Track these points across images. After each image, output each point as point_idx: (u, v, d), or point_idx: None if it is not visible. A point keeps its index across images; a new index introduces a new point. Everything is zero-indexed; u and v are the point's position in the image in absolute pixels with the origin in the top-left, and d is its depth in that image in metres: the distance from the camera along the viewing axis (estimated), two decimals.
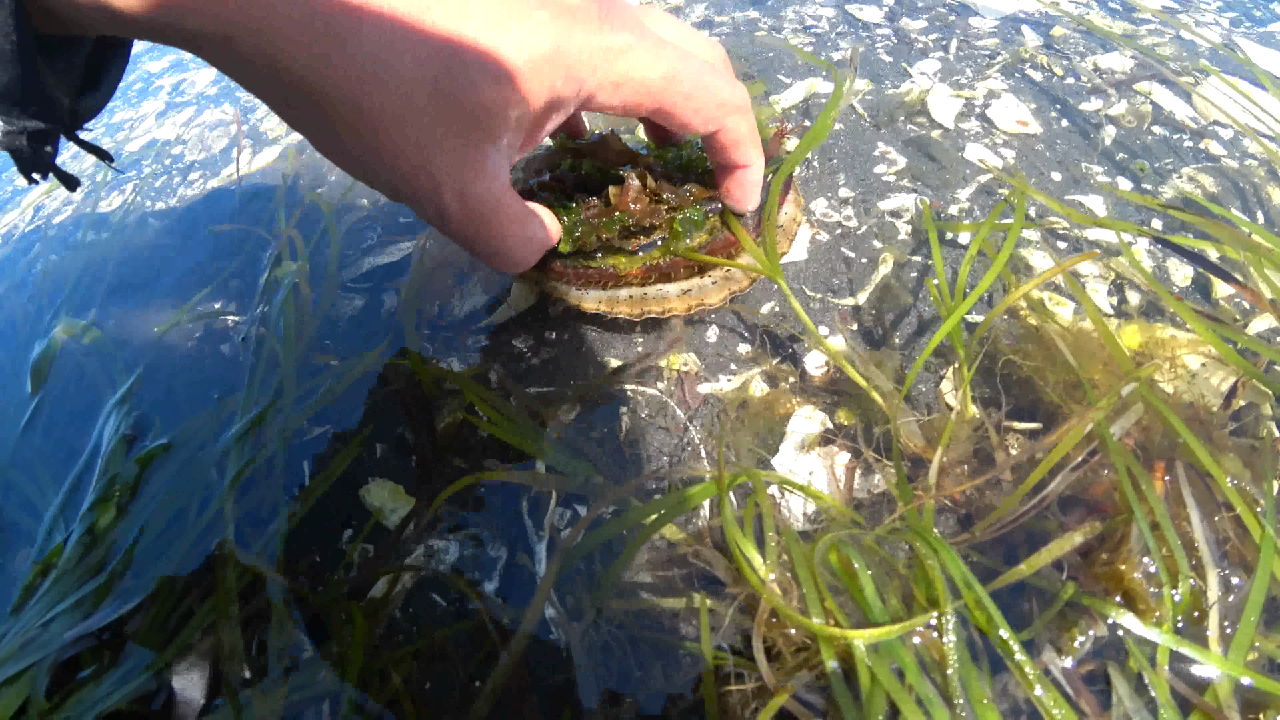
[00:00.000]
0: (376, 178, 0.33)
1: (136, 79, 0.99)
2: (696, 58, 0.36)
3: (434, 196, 0.33)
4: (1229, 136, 0.58)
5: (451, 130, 0.31)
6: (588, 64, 0.33)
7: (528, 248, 0.39)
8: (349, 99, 0.29)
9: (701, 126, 0.38)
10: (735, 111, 0.38)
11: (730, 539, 0.36)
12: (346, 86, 0.29)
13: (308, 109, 0.31)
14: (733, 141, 0.39)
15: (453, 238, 0.37)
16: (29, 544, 0.46)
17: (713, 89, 0.37)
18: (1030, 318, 0.45)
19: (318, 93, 0.29)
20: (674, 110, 0.36)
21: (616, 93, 0.35)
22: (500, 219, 0.36)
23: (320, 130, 0.32)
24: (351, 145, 0.32)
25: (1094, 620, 0.33)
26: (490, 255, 0.38)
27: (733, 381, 0.45)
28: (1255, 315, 0.45)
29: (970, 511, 0.37)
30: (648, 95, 0.35)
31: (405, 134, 0.31)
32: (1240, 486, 0.36)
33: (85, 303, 0.62)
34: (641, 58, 0.34)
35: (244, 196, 0.69)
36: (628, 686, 0.34)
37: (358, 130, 0.31)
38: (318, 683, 0.36)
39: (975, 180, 0.55)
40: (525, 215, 0.38)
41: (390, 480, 0.43)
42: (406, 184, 0.33)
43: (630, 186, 0.42)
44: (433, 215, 0.35)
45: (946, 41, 0.71)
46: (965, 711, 0.31)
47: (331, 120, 0.31)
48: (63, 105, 0.31)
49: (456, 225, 0.35)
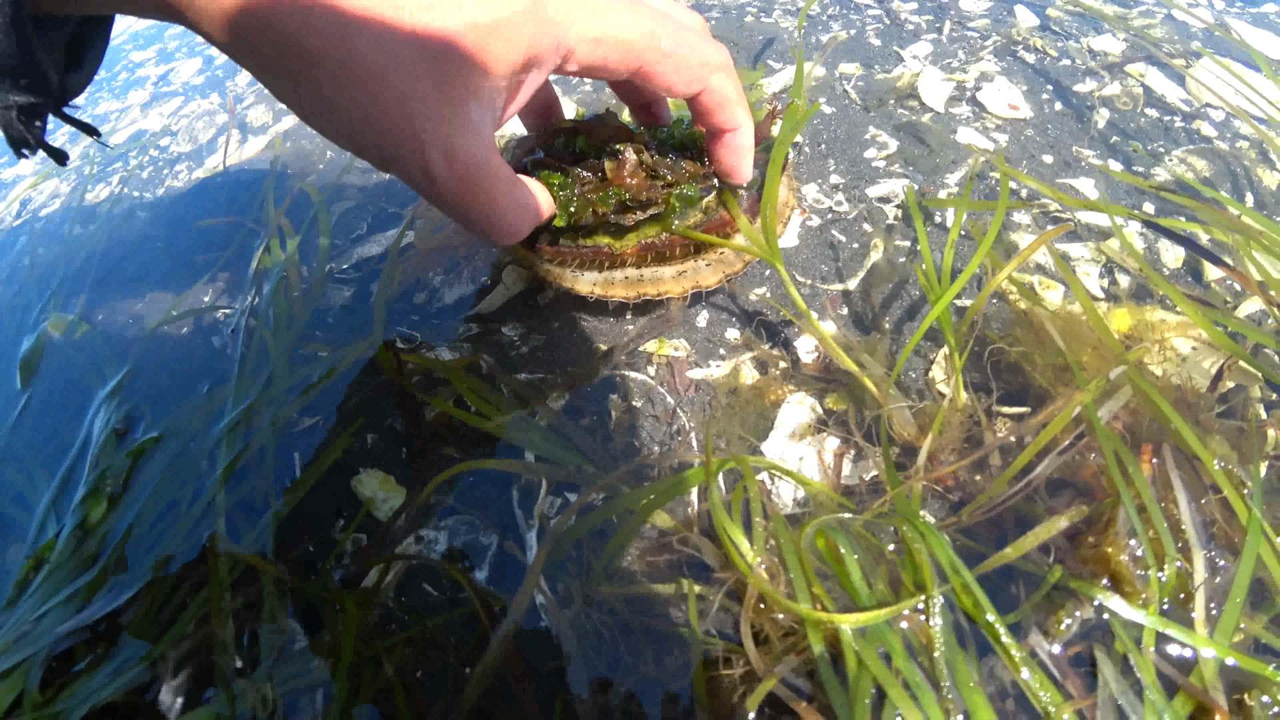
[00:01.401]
0: (363, 138, 0.33)
1: (121, 69, 0.98)
2: (675, 19, 0.36)
3: (419, 155, 0.33)
4: (1220, 119, 0.58)
5: (433, 84, 0.31)
6: (566, 19, 0.33)
7: (521, 214, 0.38)
8: (333, 52, 0.30)
9: (684, 88, 0.38)
10: (718, 70, 0.38)
11: (719, 525, 0.36)
12: (330, 39, 0.30)
13: (295, 66, 0.31)
14: (718, 103, 0.39)
15: (442, 203, 0.36)
16: (21, 538, 0.47)
17: (694, 47, 0.36)
18: (1019, 302, 0.45)
19: (303, 48, 0.30)
20: (655, 69, 0.36)
21: (596, 49, 0.34)
22: (490, 180, 0.35)
23: (306, 90, 0.32)
24: (336, 103, 0.32)
25: (1081, 603, 0.34)
26: (483, 222, 0.37)
27: (723, 367, 0.45)
28: (1245, 298, 0.45)
29: (961, 499, 0.38)
30: (628, 52, 0.35)
31: (387, 87, 0.31)
32: (1227, 469, 0.36)
33: (74, 296, 0.62)
34: (620, 14, 0.34)
35: (232, 187, 0.68)
36: (618, 672, 0.34)
37: (340, 84, 0.31)
38: (310, 672, 0.36)
39: (966, 164, 0.55)
40: (514, 180, 0.37)
41: (381, 470, 0.43)
42: (391, 141, 0.33)
43: (627, 160, 0.42)
44: (419, 177, 0.34)
45: (939, 23, 0.70)
46: (952, 694, 0.31)
47: (316, 77, 0.31)
48: (53, 80, 0.31)
49: (444, 187, 0.34)
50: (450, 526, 0.40)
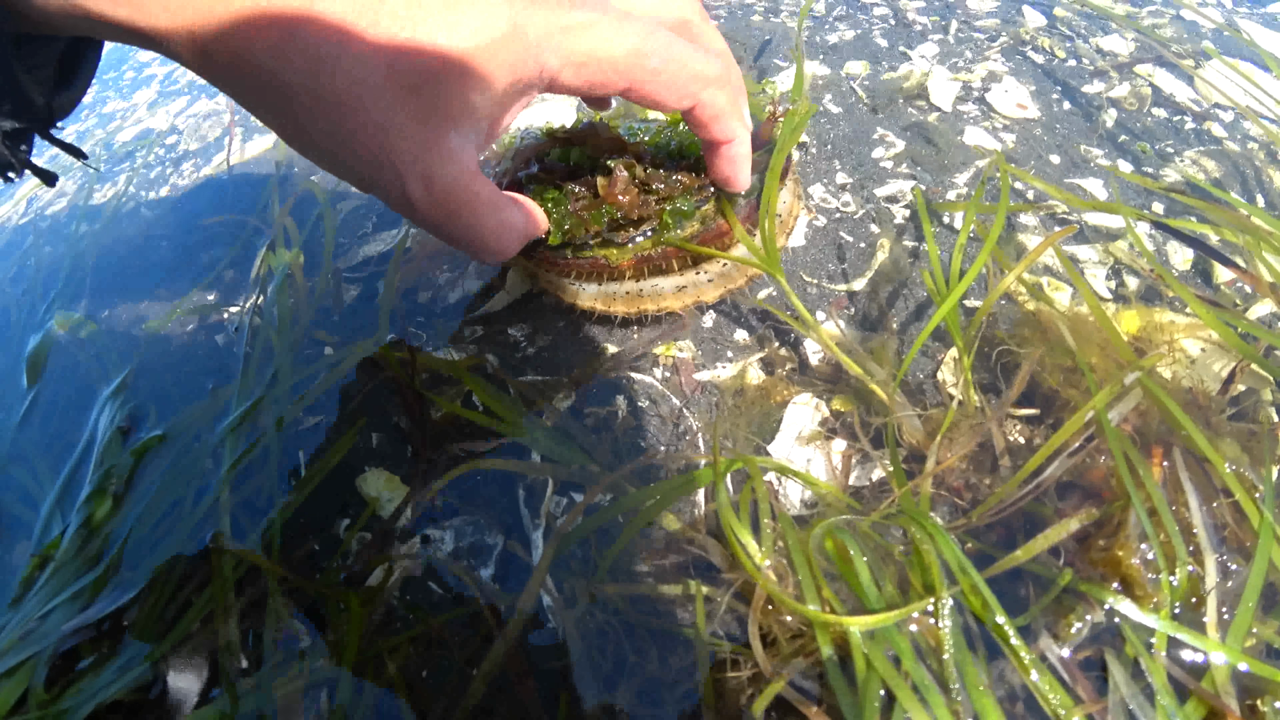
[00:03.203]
0: (343, 166, 0.33)
1: (129, 69, 0.99)
2: (665, 31, 0.35)
3: (398, 183, 0.32)
4: (1230, 119, 0.58)
5: (410, 115, 0.31)
6: (548, 43, 0.32)
7: (505, 236, 0.38)
8: (306, 84, 0.29)
9: (675, 103, 0.36)
10: (710, 84, 0.37)
11: (726, 525, 0.36)
12: (305, 73, 0.29)
13: (272, 97, 0.30)
14: (711, 117, 0.38)
15: (424, 228, 0.35)
16: (27, 536, 0.47)
17: (684, 62, 0.35)
18: (1028, 303, 0.44)
19: (279, 81, 0.29)
20: (643, 88, 0.35)
21: (581, 72, 0.33)
22: (471, 206, 0.35)
23: (285, 120, 0.31)
24: (314, 133, 0.31)
25: (1091, 606, 0.33)
26: (466, 245, 0.37)
27: (729, 368, 0.44)
28: (1256, 300, 0.45)
29: (970, 502, 0.37)
30: (614, 73, 0.34)
31: (364, 118, 0.30)
32: (1239, 472, 0.36)
33: (79, 295, 0.62)
34: (605, 34, 0.33)
35: (237, 185, 0.68)
36: (623, 672, 0.34)
37: (316, 117, 0.30)
38: (315, 670, 0.36)
39: (974, 165, 0.55)
40: (499, 202, 0.37)
41: (386, 469, 0.43)
42: (370, 170, 0.32)
43: (618, 178, 0.41)
44: (399, 204, 0.34)
45: (946, 23, 0.70)
46: (961, 697, 0.30)
47: (293, 109, 0.30)
48: (37, 104, 0.30)
49: (425, 213, 0.34)
50: (455, 525, 0.40)
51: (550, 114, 0.65)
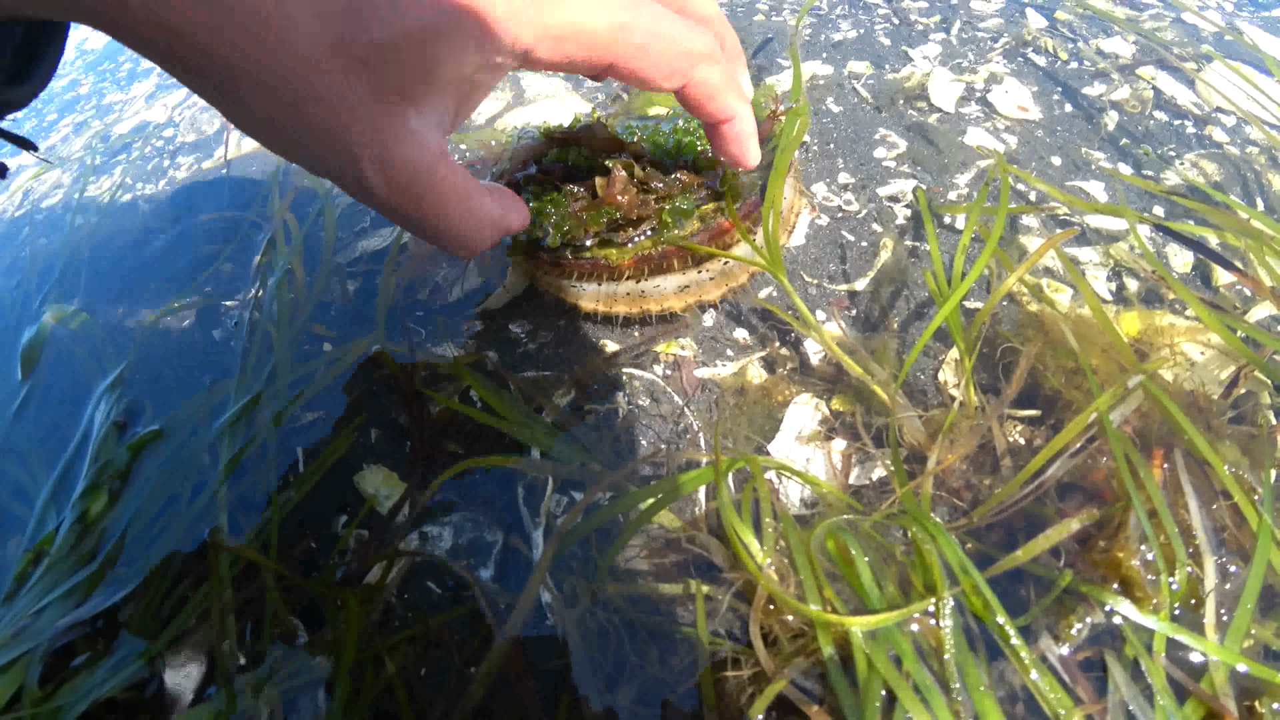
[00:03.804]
0: (296, 148, 0.30)
1: (126, 60, 0.98)
2: (652, 3, 0.32)
3: (353, 166, 0.30)
4: (1231, 123, 0.58)
5: (363, 93, 0.28)
6: (521, 15, 0.29)
7: (477, 225, 0.35)
8: (252, 66, 0.27)
9: (665, 81, 0.34)
10: (702, 60, 0.34)
11: (727, 524, 0.36)
12: (249, 52, 0.27)
13: (216, 77, 0.28)
14: (706, 95, 0.35)
15: (387, 216, 0.33)
16: (20, 531, 0.46)
17: (672, 37, 0.32)
18: (1030, 304, 0.44)
19: (222, 61, 0.27)
20: (629, 65, 0.32)
21: (559, 47, 0.31)
22: (436, 190, 0.32)
23: (231, 101, 0.29)
24: (261, 115, 0.29)
25: (1091, 607, 0.33)
26: (432, 235, 0.34)
27: (730, 367, 0.44)
28: (1255, 303, 0.45)
29: (971, 502, 0.37)
30: (595, 48, 0.31)
31: (311, 97, 0.28)
32: (1238, 474, 0.36)
33: (74, 288, 0.62)
34: (583, 5, 0.30)
35: (236, 179, 0.68)
36: (624, 672, 0.34)
37: (263, 98, 0.28)
38: (312, 669, 0.36)
39: (975, 165, 0.55)
40: (468, 189, 0.34)
41: (384, 466, 0.43)
42: (323, 152, 0.30)
43: (617, 178, 0.41)
44: (356, 190, 0.31)
45: (948, 24, 0.70)
46: (962, 697, 0.30)
47: (238, 88, 0.28)
48: None
49: (383, 199, 0.31)
50: (454, 523, 0.40)
51: (547, 114, 0.65)
